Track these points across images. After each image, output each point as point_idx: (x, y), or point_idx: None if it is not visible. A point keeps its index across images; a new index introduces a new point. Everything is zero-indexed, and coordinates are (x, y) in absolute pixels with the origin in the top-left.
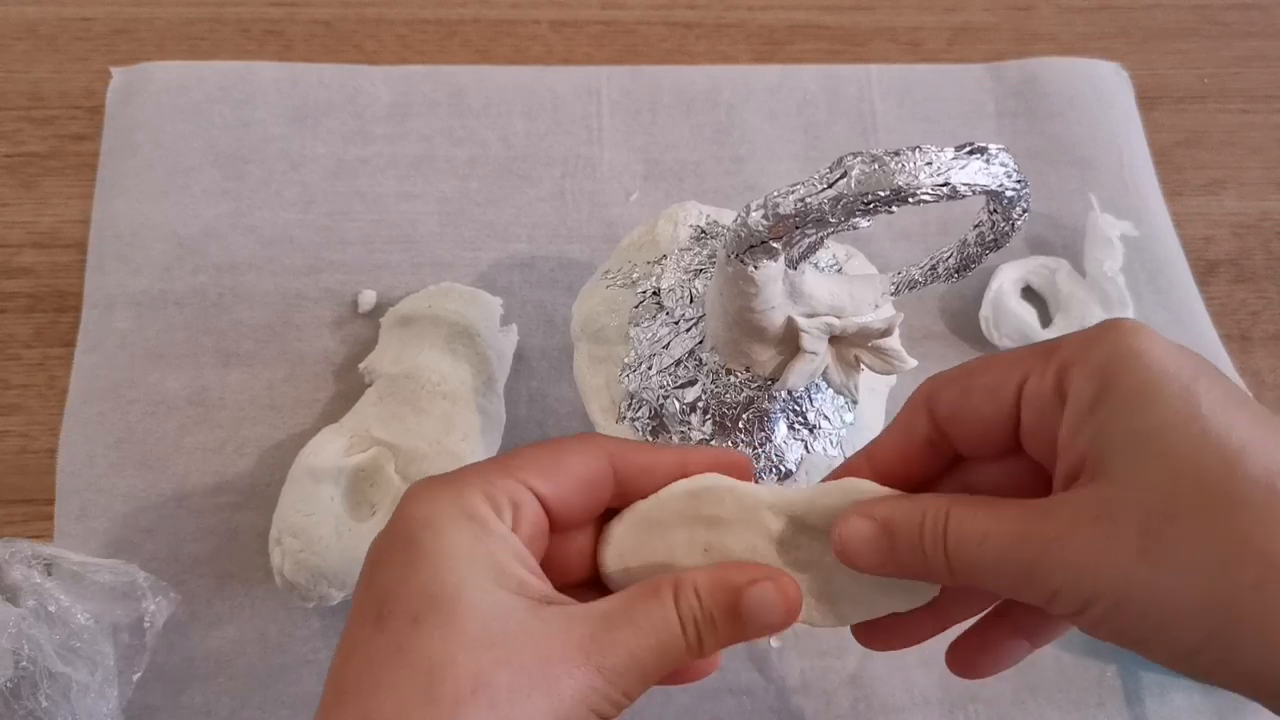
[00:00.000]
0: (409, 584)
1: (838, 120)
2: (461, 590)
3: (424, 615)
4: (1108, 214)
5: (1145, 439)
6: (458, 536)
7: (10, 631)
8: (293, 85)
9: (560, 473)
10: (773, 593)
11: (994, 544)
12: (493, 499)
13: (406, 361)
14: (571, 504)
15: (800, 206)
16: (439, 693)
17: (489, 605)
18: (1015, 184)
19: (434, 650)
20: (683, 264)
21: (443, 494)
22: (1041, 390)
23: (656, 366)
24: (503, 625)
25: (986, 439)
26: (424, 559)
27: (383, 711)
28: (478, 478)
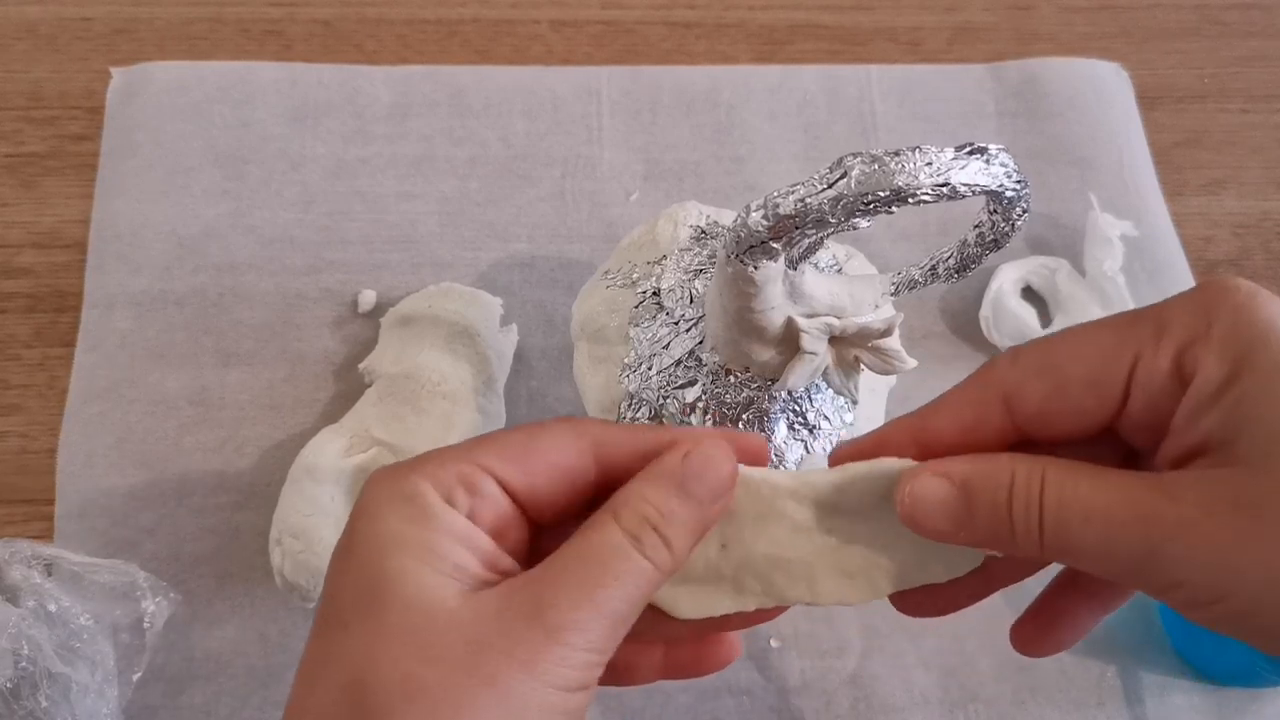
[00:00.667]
0: (341, 580)
1: (838, 120)
2: (388, 581)
3: (351, 616)
4: (1108, 214)
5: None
6: (390, 521)
7: (10, 632)
8: (292, 85)
9: (531, 458)
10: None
11: (1103, 523)
12: (441, 483)
13: (406, 361)
14: (546, 492)
15: (800, 207)
16: (362, 699)
17: (415, 592)
18: (1015, 184)
19: (356, 651)
20: (683, 264)
21: (387, 480)
22: (1156, 373)
23: (656, 366)
24: (429, 613)
25: (1078, 430)
26: (356, 549)
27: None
28: (430, 462)
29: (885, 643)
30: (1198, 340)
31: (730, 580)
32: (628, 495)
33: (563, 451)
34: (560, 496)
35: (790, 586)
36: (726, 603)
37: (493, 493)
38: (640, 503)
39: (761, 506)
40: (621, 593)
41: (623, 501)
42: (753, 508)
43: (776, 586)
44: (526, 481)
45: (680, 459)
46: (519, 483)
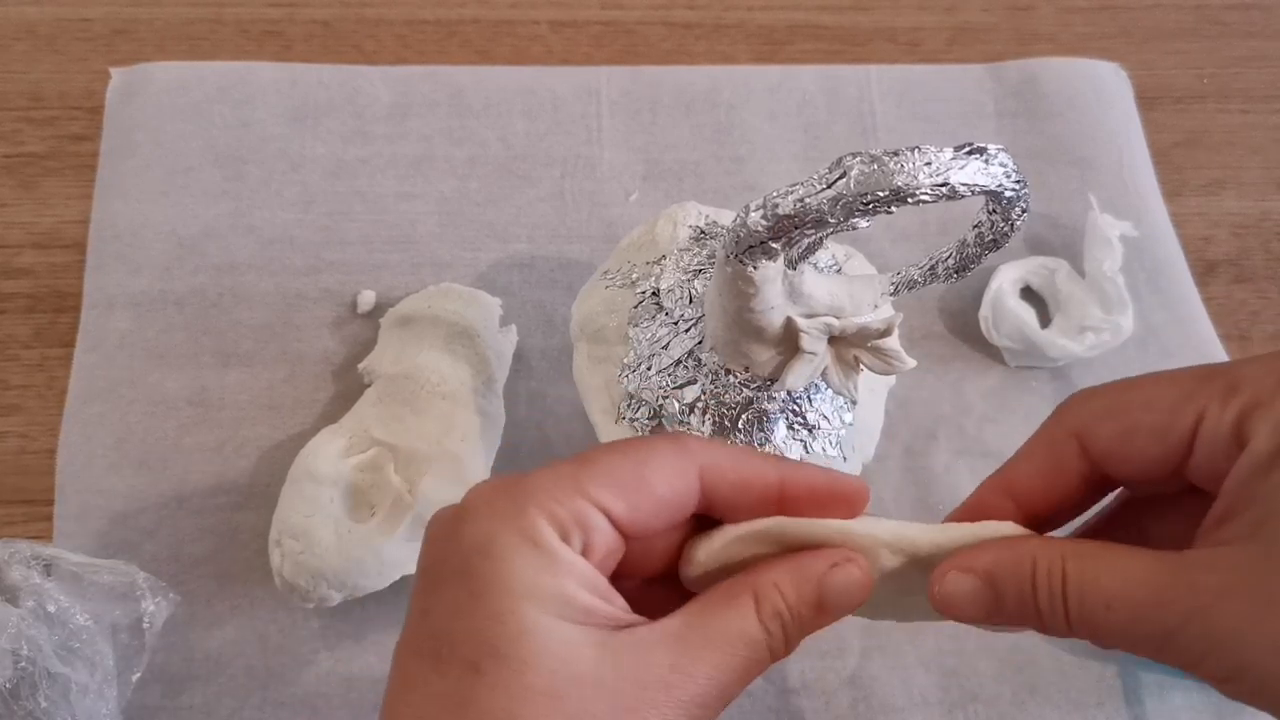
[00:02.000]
0: (467, 622)
1: (837, 120)
2: (524, 634)
3: (485, 663)
4: (1107, 214)
5: None
6: (519, 567)
7: (10, 632)
8: (292, 85)
9: (641, 492)
10: (855, 572)
11: (1126, 611)
12: (559, 522)
13: (406, 362)
14: (649, 523)
15: (799, 207)
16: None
17: (555, 648)
18: (1014, 184)
19: (496, 706)
20: (682, 264)
21: (502, 514)
22: (1219, 431)
23: (656, 367)
24: (570, 671)
25: (1151, 474)
26: (482, 594)
27: None
28: (544, 495)
29: (885, 643)
30: (1261, 406)
31: None
32: (768, 585)
33: (672, 484)
34: (662, 525)
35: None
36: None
37: (605, 531)
38: (779, 600)
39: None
40: (742, 678)
41: (764, 591)
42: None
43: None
44: (634, 517)
45: (827, 569)
46: (628, 518)
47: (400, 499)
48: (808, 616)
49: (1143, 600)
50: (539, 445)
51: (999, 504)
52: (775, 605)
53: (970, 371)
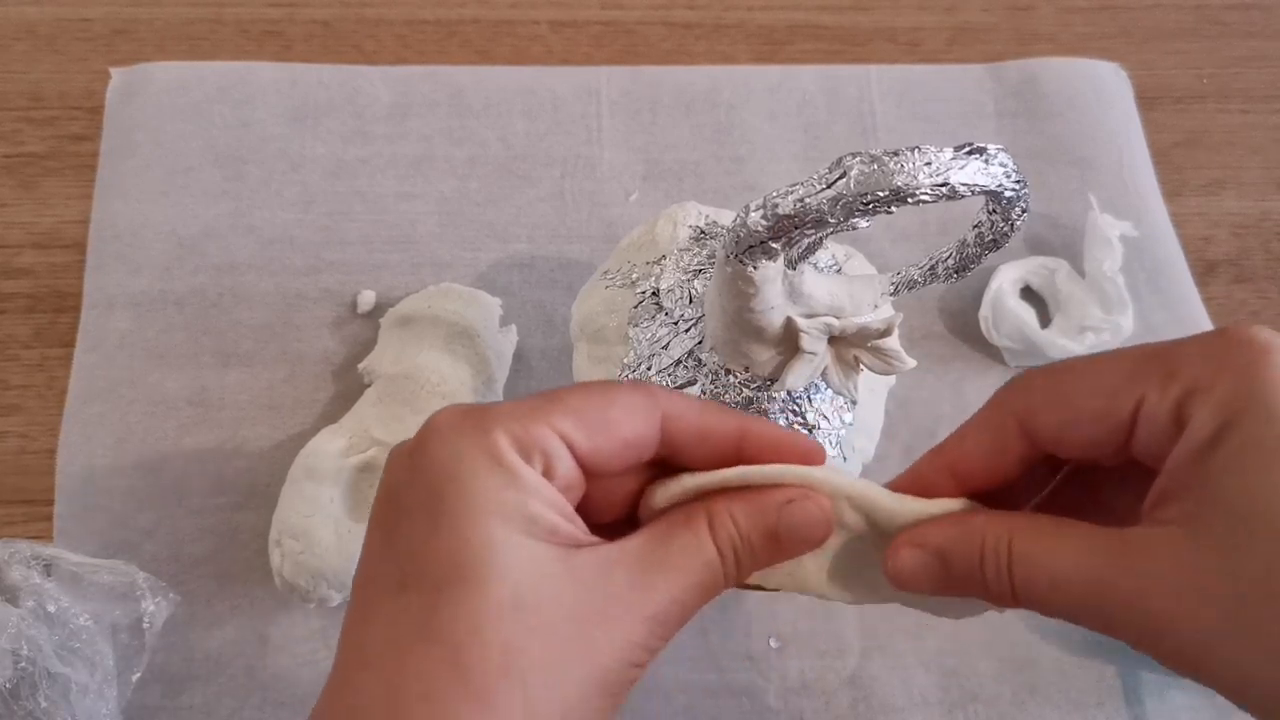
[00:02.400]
0: (431, 545)
1: (837, 120)
2: (488, 550)
3: (448, 582)
4: (1107, 214)
5: (1254, 503)
6: (485, 487)
7: (10, 632)
8: (292, 85)
9: (603, 428)
10: (812, 508)
11: (1066, 589)
12: (522, 444)
13: (406, 362)
14: (610, 462)
15: (799, 207)
16: (467, 671)
17: (519, 563)
18: (1014, 184)
19: (460, 622)
20: (682, 264)
21: (467, 437)
22: (1158, 417)
23: (656, 367)
24: (534, 585)
25: (1094, 456)
26: (447, 515)
27: (410, 689)
28: (509, 419)
29: (885, 643)
30: (1200, 391)
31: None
32: (724, 513)
33: (634, 425)
34: (621, 463)
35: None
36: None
37: (566, 460)
38: (733, 527)
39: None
40: (698, 595)
41: (719, 515)
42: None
43: (802, 569)
44: (595, 450)
45: (782, 505)
46: (589, 450)
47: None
48: (760, 546)
49: (1085, 580)
50: None
51: (939, 480)
52: (728, 530)
53: (970, 371)
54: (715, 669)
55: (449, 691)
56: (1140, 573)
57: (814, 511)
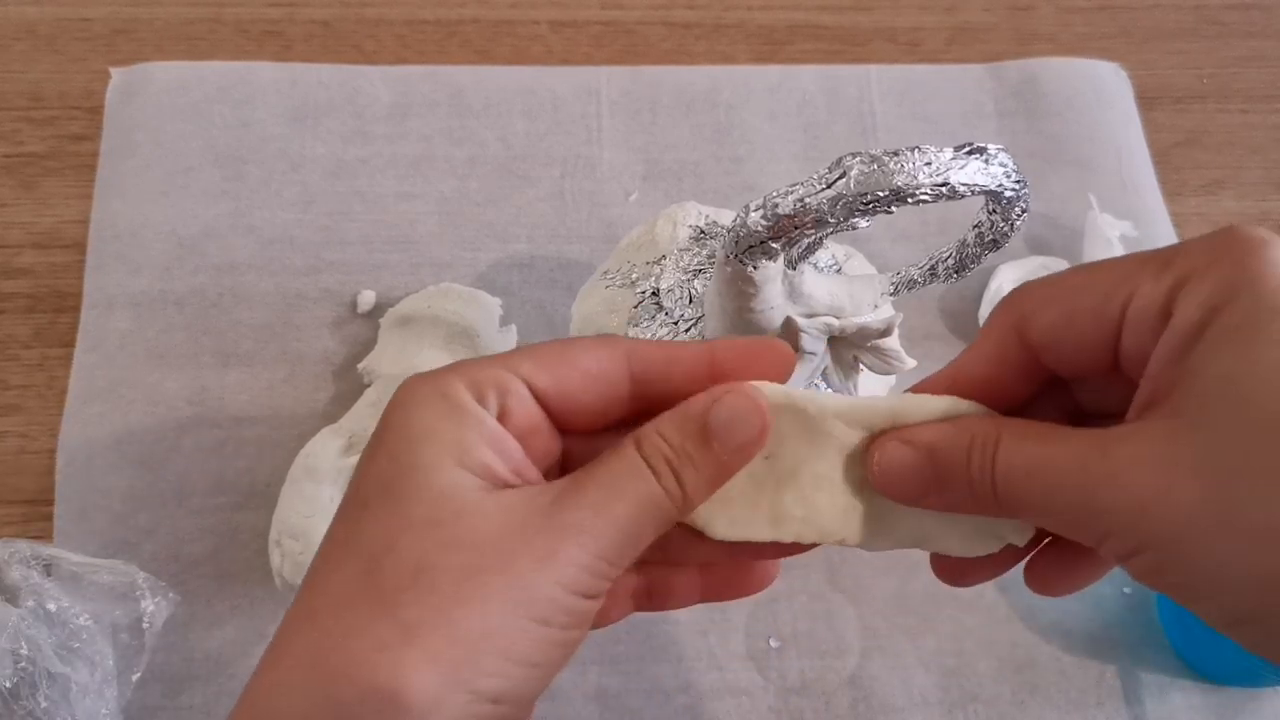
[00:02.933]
0: (369, 468)
1: (837, 120)
2: (415, 470)
3: (372, 499)
4: (1107, 214)
5: (1234, 382)
6: (424, 415)
7: (9, 632)
8: (292, 85)
9: (564, 366)
10: (741, 399)
11: (1044, 477)
12: (475, 384)
13: (406, 362)
14: (578, 400)
15: (799, 207)
16: (378, 579)
17: (442, 485)
18: (1014, 184)
19: (376, 534)
20: (682, 264)
21: (424, 379)
22: (1149, 308)
23: None
24: (454, 505)
25: (1090, 363)
26: (385, 439)
27: (324, 604)
28: (468, 365)
29: (885, 643)
30: (1191, 279)
31: (769, 504)
32: (652, 427)
33: (597, 360)
34: (592, 405)
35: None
36: (764, 530)
37: (524, 397)
38: (661, 441)
39: (809, 425)
40: (633, 511)
41: (646, 432)
42: (800, 426)
43: (818, 513)
44: (559, 389)
45: (708, 404)
46: (553, 389)
47: None
48: (697, 455)
49: (1061, 468)
50: None
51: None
52: (656, 444)
53: None
54: (715, 669)
55: (359, 601)
56: (1120, 457)
57: (741, 401)
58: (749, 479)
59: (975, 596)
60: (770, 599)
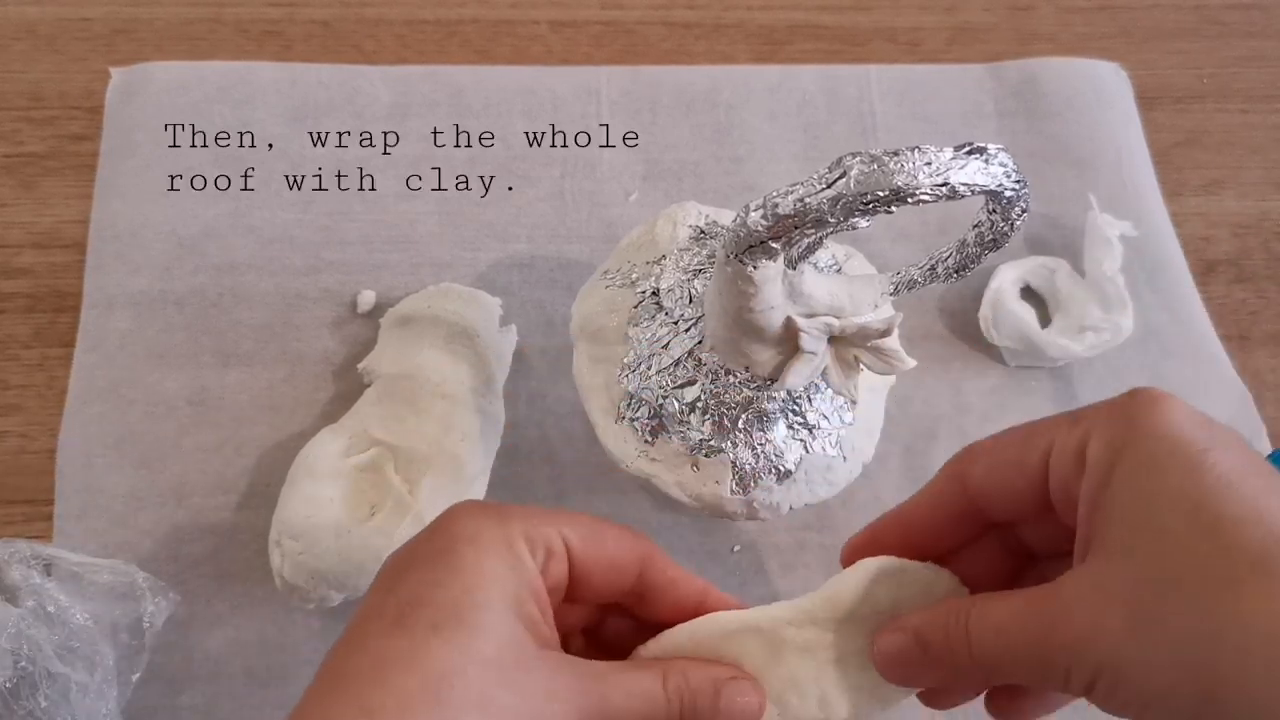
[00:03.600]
0: (438, 592)
1: (837, 120)
2: (487, 612)
3: (445, 625)
4: (1107, 214)
5: (1144, 514)
6: (496, 561)
7: (10, 632)
8: (292, 85)
9: (597, 543)
10: (748, 689)
11: (1008, 634)
12: (530, 538)
13: (405, 362)
14: (593, 576)
15: (799, 206)
16: (446, 698)
17: (505, 634)
18: (1014, 184)
19: (450, 659)
20: (682, 264)
21: (489, 519)
22: (1064, 458)
23: (656, 366)
24: (513, 654)
25: (1019, 508)
26: (459, 572)
27: (385, 707)
28: (523, 514)
29: None
30: (1095, 430)
31: None
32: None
33: (623, 550)
34: (600, 583)
35: (804, 709)
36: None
37: (562, 560)
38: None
39: (768, 640)
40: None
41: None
42: (760, 645)
43: (791, 709)
44: (586, 561)
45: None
46: (581, 559)
47: (400, 499)
48: (705, 709)
49: (1022, 619)
50: (539, 445)
51: (890, 538)
52: (680, 684)
53: (970, 371)
54: None
55: (423, 713)
56: (1065, 599)
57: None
58: None
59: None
60: (770, 599)
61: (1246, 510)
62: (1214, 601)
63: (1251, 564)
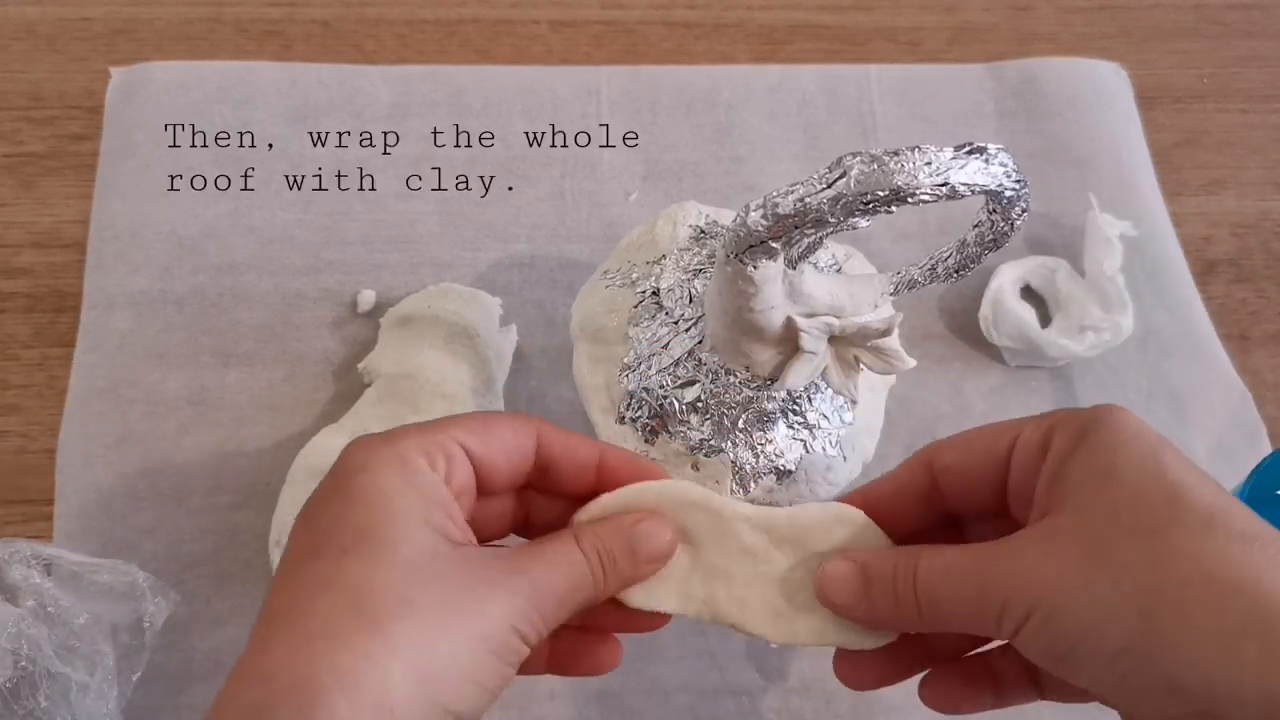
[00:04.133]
0: (343, 519)
1: (837, 120)
2: (390, 526)
3: (353, 546)
4: (1107, 214)
5: (1102, 475)
6: (390, 479)
7: (10, 631)
8: (292, 85)
9: (490, 438)
10: (658, 527)
11: (955, 571)
12: (427, 451)
13: (406, 362)
14: (498, 468)
15: (799, 206)
16: (368, 610)
17: (415, 540)
18: (1014, 184)
19: (362, 575)
20: (682, 264)
21: (379, 444)
22: (1029, 446)
23: (656, 366)
24: (427, 558)
25: (976, 493)
26: (357, 498)
27: (313, 630)
28: (414, 432)
29: None
30: (1061, 424)
31: (677, 581)
32: (589, 529)
33: (517, 436)
34: (506, 473)
35: (726, 604)
36: (671, 602)
37: (464, 462)
38: (597, 540)
39: (720, 525)
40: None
41: (584, 533)
42: (712, 525)
43: (715, 599)
44: (487, 457)
45: (632, 524)
46: (482, 456)
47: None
48: (621, 556)
49: (969, 565)
50: None
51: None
52: (593, 540)
53: (970, 371)
54: (715, 669)
55: (348, 627)
56: (1013, 546)
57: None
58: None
59: None
60: None
61: (1198, 482)
62: (1162, 541)
63: (1201, 519)
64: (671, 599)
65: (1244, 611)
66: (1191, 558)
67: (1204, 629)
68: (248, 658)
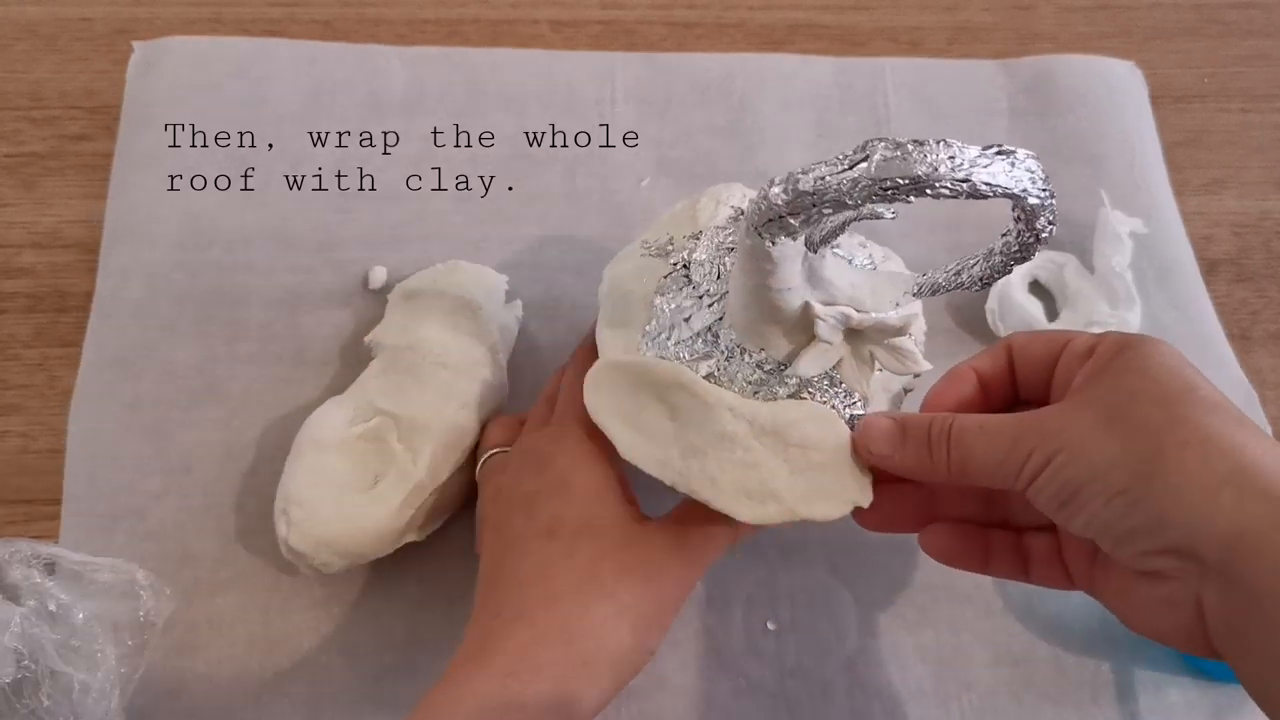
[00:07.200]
0: (571, 510)
1: (850, 113)
2: (604, 513)
3: (582, 531)
4: (1118, 211)
5: (1135, 366)
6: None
7: (12, 631)
8: (310, 63)
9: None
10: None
11: (989, 428)
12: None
13: (410, 334)
14: None
15: (819, 184)
16: (599, 574)
17: (619, 522)
18: (1040, 191)
19: (592, 552)
20: (716, 240)
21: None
22: (1077, 346)
23: (676, 337)
24: (627, 536)
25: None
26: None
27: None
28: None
29: (882, 632)
30: (1110, 337)
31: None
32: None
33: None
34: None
35: (699, 478)
36: (651, 463)
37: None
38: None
39: (705, 411)
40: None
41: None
42: (693, 408)
43: (690, 472)
44: None
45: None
46: None
47: (403, 467)
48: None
49: (1002, 421)
50: None
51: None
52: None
53: None
54: (713, 651)
55: (588, 589)
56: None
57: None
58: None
59: (973, 589)
60: (769, 583)
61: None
62: (1171, 410)
63: (1208, 406)
64: (651, 460)
65: (1228, 469)
66: (1194, 426)
67: (1192, 478)
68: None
